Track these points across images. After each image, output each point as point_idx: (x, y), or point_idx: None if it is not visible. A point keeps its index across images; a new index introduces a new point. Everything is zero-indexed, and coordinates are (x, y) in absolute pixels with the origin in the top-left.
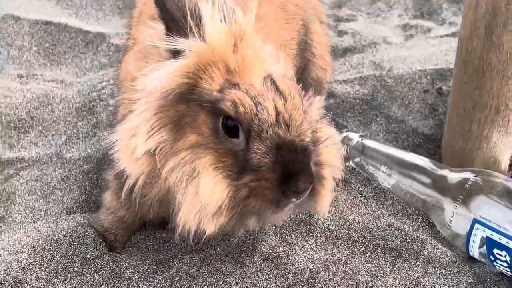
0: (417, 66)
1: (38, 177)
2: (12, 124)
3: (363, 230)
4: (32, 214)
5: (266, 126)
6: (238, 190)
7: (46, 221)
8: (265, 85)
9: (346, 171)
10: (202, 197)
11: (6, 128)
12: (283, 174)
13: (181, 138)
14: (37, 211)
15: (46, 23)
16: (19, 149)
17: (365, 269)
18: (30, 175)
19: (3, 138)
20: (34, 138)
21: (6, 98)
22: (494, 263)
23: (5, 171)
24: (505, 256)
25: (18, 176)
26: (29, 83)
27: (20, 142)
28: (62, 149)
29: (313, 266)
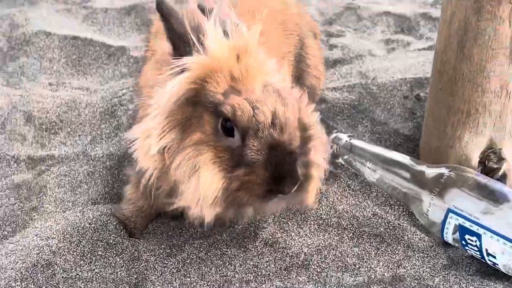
0: (398, 76)
1: (67, 173)
2: (44, 126)
3: (351, 219)
4: (62, 205)
5: (262, 127)
6: (231, 182)
7: (74, 211)
8: (266, 92)
9: (336, 167)
10: (202, 189)
11: (39, 130)
12: (272, 174)
13: (188, 137)
14: (66, 202)
15: (74, 38)
16: (50, 148)
17: (353, 253)
18: (60, 171)
19: (36, 139)
20: (63, 139)
21: (39, 104)
22: (466, 247)
23: (38, 167)
24: (475, 241)
25: (49, 172)
26: (59, 91)
27: (51, 142)
28: (88, 148)
29: (307, 250)
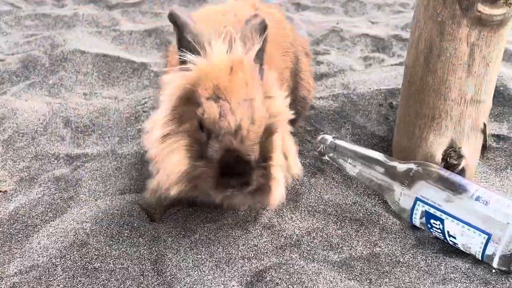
0: (374, 87)
1: (98, 168)
2: (79, 129)
3: (335, 206)
4: (94, 195)
5: (223, 133)
6: (194, 169)
7: (104, 200)
8: (240, 106)
9: (323, 163)
10: (170, 169)
11: (75, 132)
12: (222, 171)
13: (180, 127)
14: (97, 192)
15: (104, 56)
16: (84, 147)
17: (337, 234)
18: (92, 166)
19: (73, 139)
20: (95, 139)
21: (75, 110)
22: (431, 230)
23: (74, 163)
24: (439, 225)
25: (84, 167)
26: (92, 99)
27: (85, 142)
28: (116, 147)
29: (299, 232)
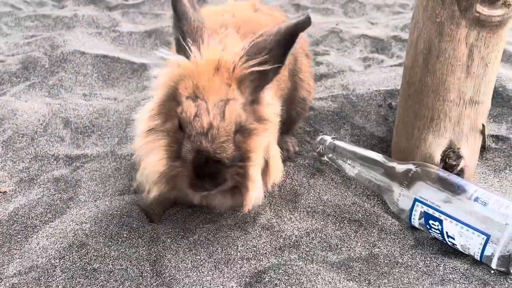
0: (373, 88)
1: (98, 168)
2: (79, 130)
3: (334, 207)
4: (93, 195)
5: (195, 133)
6: (171, 169)
7: (103, 200)
8: (215, 106)
9: (322, 164)
10: (149, 169)
11: (75, 132)
12: (195, 172)
13: (165, 124)
14: (97, 193)
15: (104, 57)
16: (84, 148)
17: (336, 235)
18: (92, 167)
19: (72, 140)
20: (95, 140)
21: (75, 111)
22: (430, 231)
23: (74, 164)
24: (438, 225)
25: (83, 168)
26: (91, 100)
27: (85, 143)
28: (115, 148)
29: (298, 233)
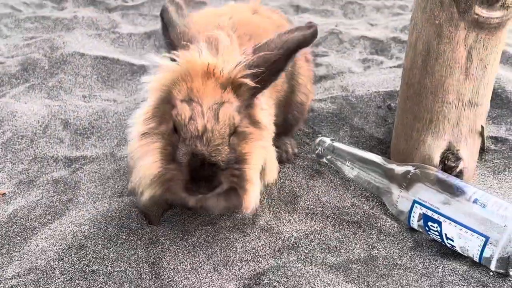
0: (373, 89)
1: (97, 170)
2: (78, 131)
3: (333, 208)
4: (92, 197)
5: (189, 136)
6: (166, 172)
7: (103, 202)
8: (209, 109)
9: (321, 166)
10: (143, 171)
11: (74, 134)
12: (190, 175)
13: (159, 127)
14: (96, 195)
15: (103, 58)
16: (83, 150)
17: (334, 237)
18: (91, 168)
19: (72, 141)
20: (94, 142)
21: (74, 112)
22: (429, 232)
23: (73, 166)
24: (436, 227)
25: (82, 169)
26: (91, 102)
27: (84, 145)
28: (115, 150)
29: (297, 235)
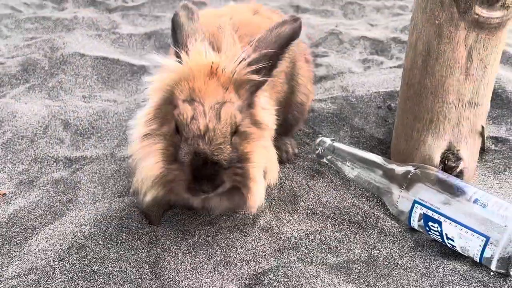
0: (373, 89)
1: (97, 170)
2: (79, 132)
3: (334, 208)
4: (93, 197)
5: (191, 135)
6: (168, 173)
7: (103, 202)
8: (211, 109)
9: (321, 166)
10: (145, 173)
11: (74, 134)
12: (193, 175)
13: (161, 128)
14: (96, 195)
15: (103, 58)
16: (83, 150)
17: (335, 237)
18: (91, 169)
19: (72, 142)
20: (94, 142)
21: (74, 113)
22: (429, 232)
23: (73, 166)
24: (437, 227)
25: (83, 170)
26: (91, 102)
27: (84, 145)
28: (115, 150)
29: (297, 235)
